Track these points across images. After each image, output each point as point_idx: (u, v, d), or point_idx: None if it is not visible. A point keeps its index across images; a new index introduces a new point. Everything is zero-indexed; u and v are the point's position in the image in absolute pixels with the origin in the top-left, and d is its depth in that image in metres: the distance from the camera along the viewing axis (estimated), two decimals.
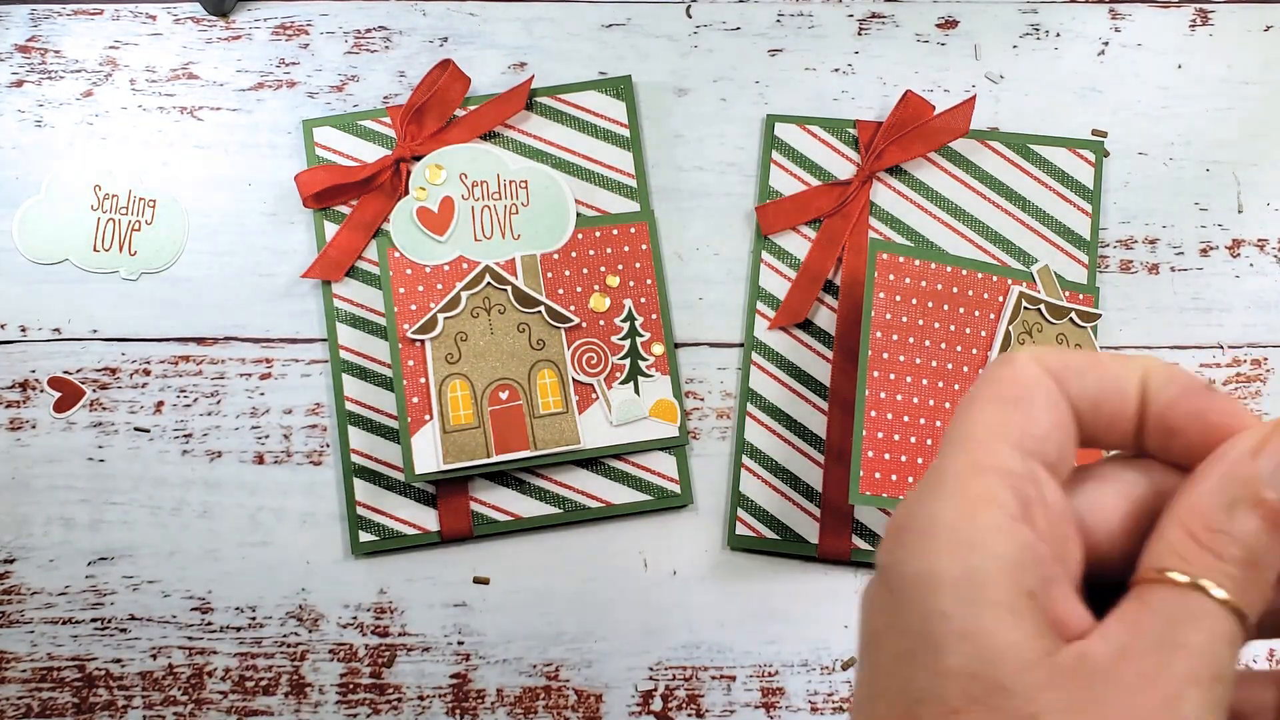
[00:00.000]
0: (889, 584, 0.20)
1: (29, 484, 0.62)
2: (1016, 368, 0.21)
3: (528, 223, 0.63)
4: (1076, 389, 0.21)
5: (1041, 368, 0.21)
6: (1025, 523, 0.20)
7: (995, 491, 0.20)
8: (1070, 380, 0.21)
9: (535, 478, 0.62)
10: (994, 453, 0.20)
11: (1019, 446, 0.20)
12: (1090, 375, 0.21)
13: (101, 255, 0.64)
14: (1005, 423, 0.21)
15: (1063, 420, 0.21)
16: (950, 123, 0.62)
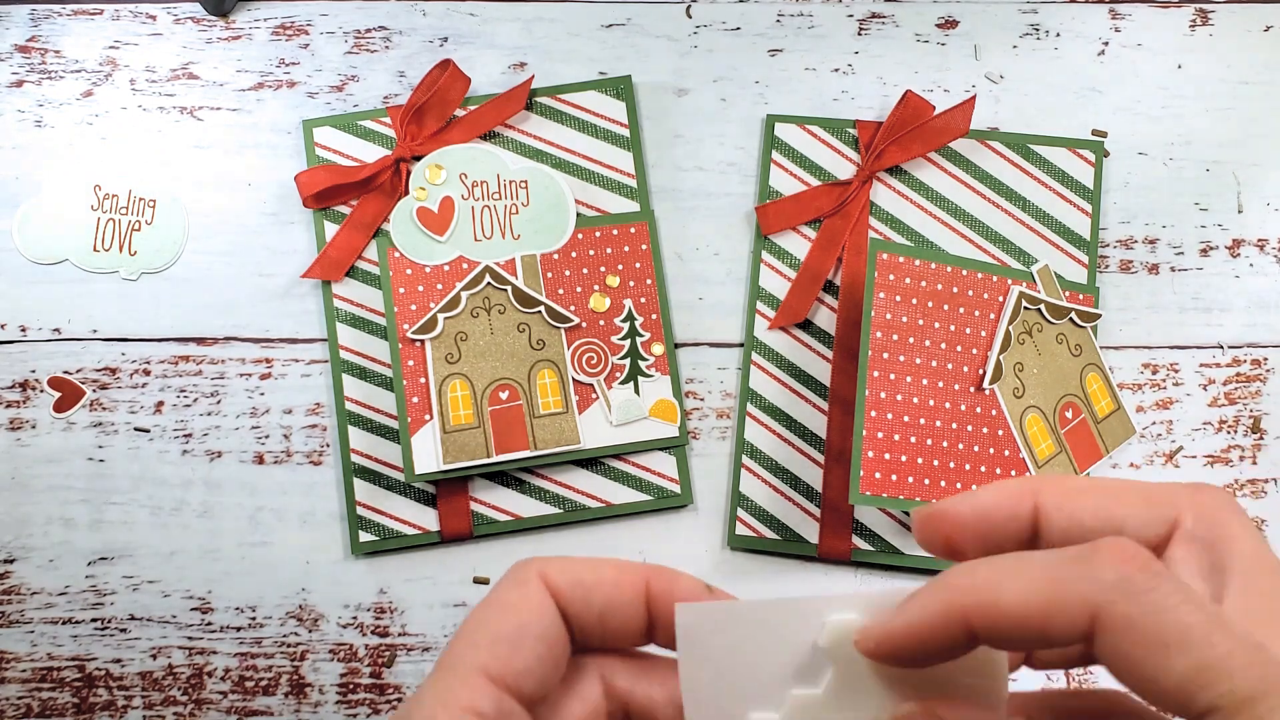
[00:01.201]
0: None
1: (29, 484, 0.62)
2: (524, 591, 0.23)
3: (528, 223, 0.63)
4: (581, 608, 0.23)
5: (547, 593, 0.23)
6: None
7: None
8: (576, 600, 0.23)
9: (535, 478, 0.62)
10: (472, 690, 0.21)
11: (500, 682, 0.22)
12: (596, 594, 0.23)
13: (101, 255, 0.64)
14: (494, 659, 0.22)
15: (551, 652, 0.23)
16: (950, 123, 0.62)
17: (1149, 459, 0.63)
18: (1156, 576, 0.19)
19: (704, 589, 0.24)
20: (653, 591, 0.24)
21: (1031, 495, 0.23)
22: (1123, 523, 0.23)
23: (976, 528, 0.24)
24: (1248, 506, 0.63)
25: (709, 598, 0.24)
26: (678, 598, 0.23)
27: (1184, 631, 0.19)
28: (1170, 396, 0.64)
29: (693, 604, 0.23)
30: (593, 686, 0.24)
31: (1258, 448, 0.63)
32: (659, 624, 0.24)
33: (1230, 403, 0.63)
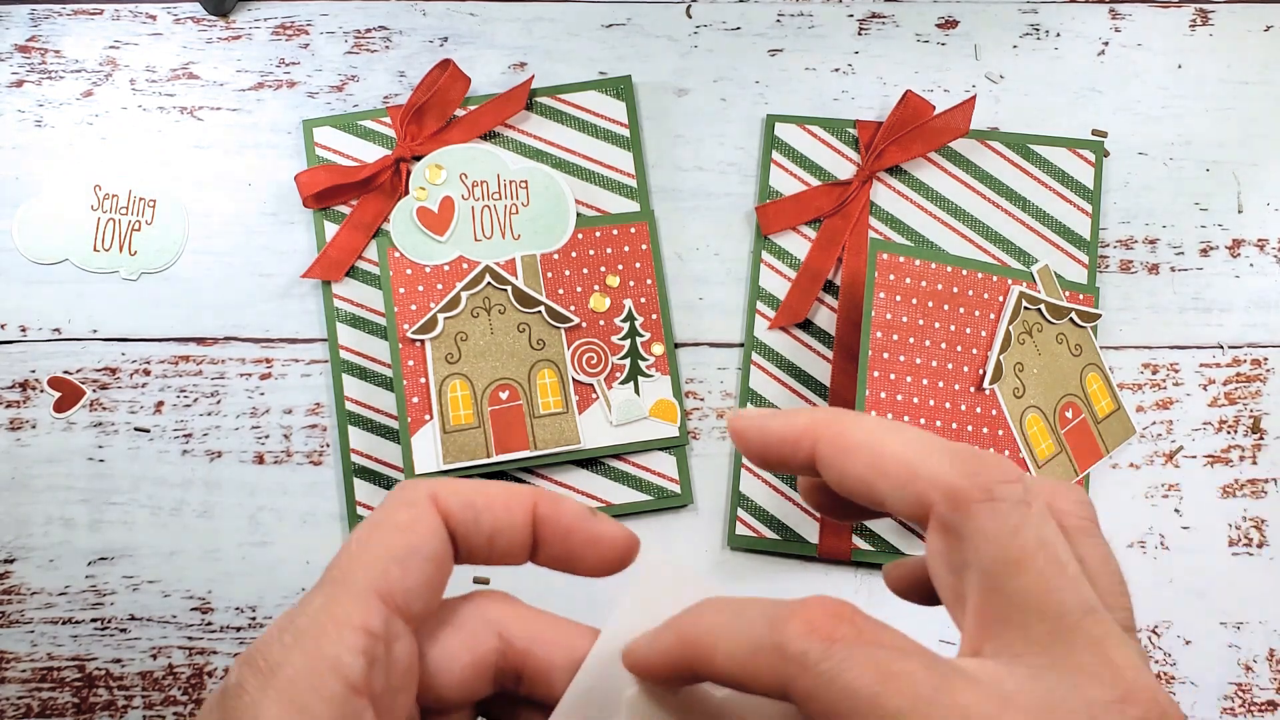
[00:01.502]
0: (224, 701, 0.21)
1: (29, 484, 0.62)
2: (418, 520, 0.23)
3: (528, 223, 0.63)
4: (471, 529, 0.24)
5: (437, 515, 0.23)
6: (360, 692, 0.21)
7: (345, 656, 0.21)
8: (467, 521, 0.24)
9: (535, 478, 0.62)
10: (366, 608, 0.22)
11: (388, 602, 0.22)
12: (487, 514, 0.24)
13: (101, 255, 0.64)
14: (385, 577, 0.22)
15: (439, 574, 0.23)
16: (950, 123, 0.62)
17: (1149, 459, 0.63)
18: (834, 644, 0.19)
19: (587, 512, 0.25)
20: (539, 514, 0.24)
21: (810, 440, 0.23)
22: (883, 499, 0.22)
23: (764, 454, 0.24)
24: (1248, 507, 0.63)
25: (591, 520, 0.25)
26: (563, 522, 0.24)
27: (853, 696, 0.19)
28: (1170, 396, 0.64)
29: (661, 562, 0.24)
30: (488, 641, 0.24)
31: (1258, 448, 0.63)
32: (542, 545, 0.25)
33: (1230, 403, 0.63)
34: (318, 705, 0.20)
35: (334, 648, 0.21)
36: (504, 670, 0.25)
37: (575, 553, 0.25)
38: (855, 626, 0.20)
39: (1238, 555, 0.62)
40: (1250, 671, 0.61)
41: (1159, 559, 0.62)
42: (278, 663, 0.21)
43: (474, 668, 0.24)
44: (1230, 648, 0.62)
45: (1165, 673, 0.61)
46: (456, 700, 0.24)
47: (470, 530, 0.24)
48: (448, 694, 0.24)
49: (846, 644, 0.19)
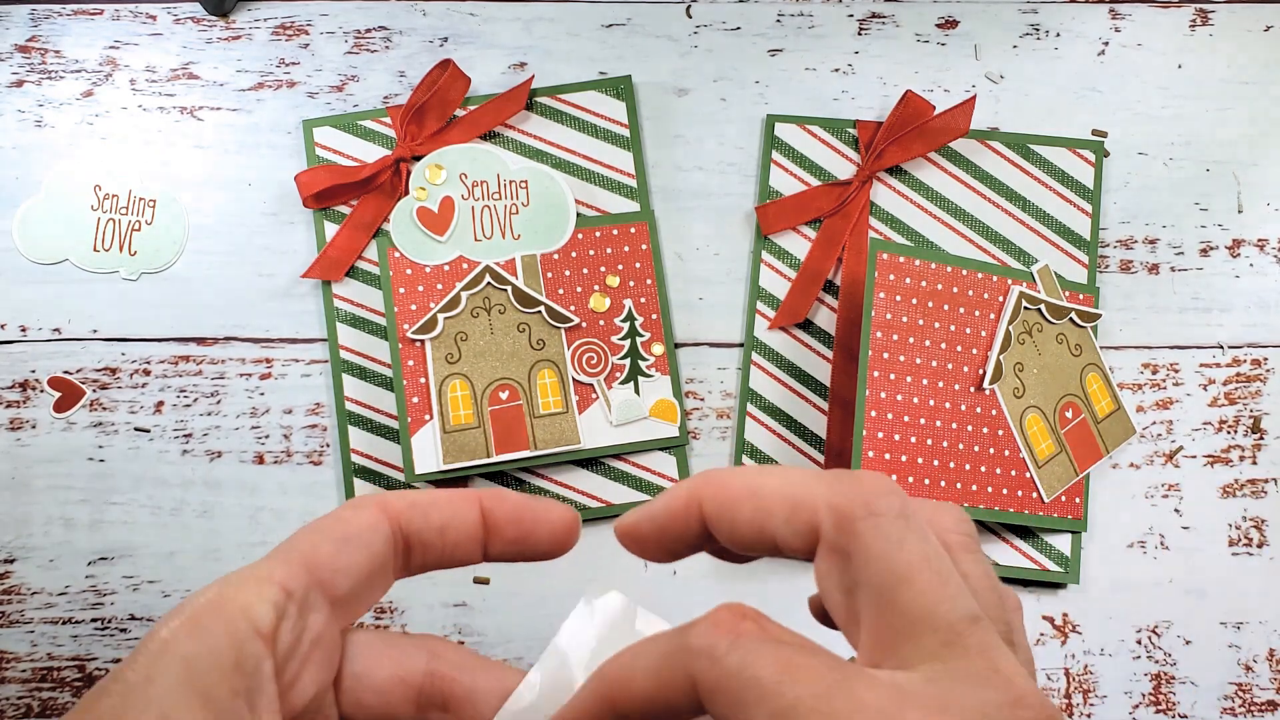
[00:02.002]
0: (146, 635, 0.22)
1: (29, 484, 0.62)
2: (358, 512, 0.24)
3: (528, 223, 0.63)
4: (422, 525, 0.25)
5: (385, 516, 0.24)
6: (265, 638, 0.22)
7: (256, 603, 0.22)
8: (415, 519, 0.25)
9: (535, 478, 0.62)
10: (289, 570, 0.23)
11: (312, 573, 0.23)
12: (434, 511, 0.25)
13: (101, 255, 0.64)
14: (315, 551, 0.24)
15: (372, 565, 0.24)
16: (950, 123, 0.62)
17: (1149, 459, 0.63)
18: (739, 638, 0.20)
19: (530, 497, 0.26)
20: (486, 505, 0.25)
21: (696, 504, 0.24)
22: (774, 536, 0.23)
23: (660, 540, 0.25)
24: (1248, 506, 0.63)
25: (536, 503, 0.26)
26: (510, 508, 0.25)
27: (757, 685, 0.19)
28: (1170, 396, 0.64)
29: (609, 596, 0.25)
30: (416, 660, 0.25)
31: (1258, 448, 0.63)
32: (494, 534, 0.26)
33: (1230, 403, 0.63)
34: (222, 635, 0.21)
35: (247, 594, 0.22)
36: (429, 694, 0.25)
37: (527, 534, 0.26)
38: (759, 624, 0.21)
39: (1238, 555, 0.62)
40: (1250, 671, 0.61)
41: (1159, 559, 0.62)
42: (199, 604, 0.22)
43: (398, 680, 0.25)
44: (1230, 648, 0.62)
45: (1165, 673, 0.61)
46: (376, 711, 0.25)
47: (422, 526, 0.25)
48: (368, 701, 0.25)
49: (752, 638, 0.20)
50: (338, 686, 0.25)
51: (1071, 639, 0.62)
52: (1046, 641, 0.62)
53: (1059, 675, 0.61)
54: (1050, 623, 0.62)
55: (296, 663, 0.23)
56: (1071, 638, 0.62)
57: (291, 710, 0.23)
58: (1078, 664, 0.61)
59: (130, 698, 0.21)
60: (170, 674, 0.21)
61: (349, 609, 0.24)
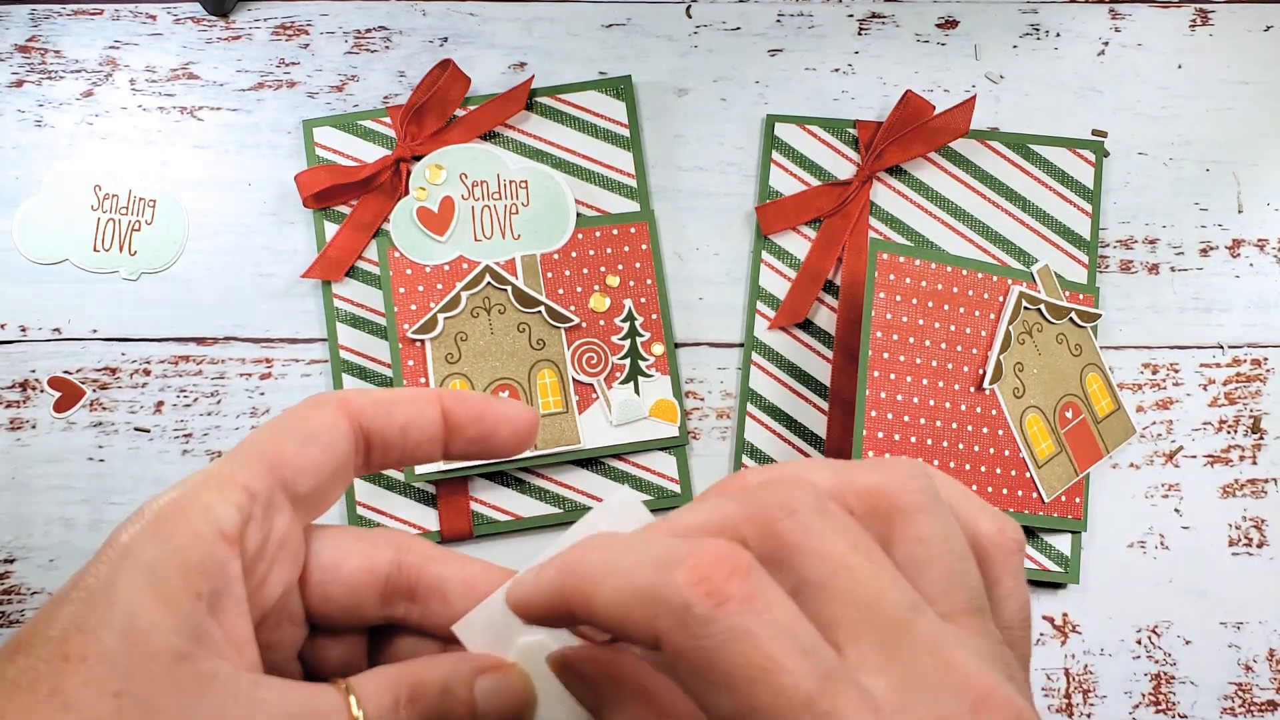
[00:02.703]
0: (107, 539, 0.22)
1: (29, 484, 0.62)
2: (320, 411, 0.24)
3: (528, 223, 0.63)
4: (384, 423, 0.25)
5: (345, 413, 0.24)
6: (230, 540, 0.22)
7: (219, 505, 0.22)
8: (378, 417, 0.24)
9: (535, 478, 0.62)
10: (250, 471, 0.23)
11: (274, 473, 0.23)
12: (396, 410, 0.25)
13: (101, 255, 0.64)
14: (278, 450, 0.23)
15: (334, 464, 0.24)
16: (950, 123, 0.62)
17: (1149, 459, 0.63)
18: (722, 607, 0.18)
19: (490, 396, 0.26)
20: (447, 405, 0.25)
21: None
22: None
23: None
24: (1247, 506, 0.63)
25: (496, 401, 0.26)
26: (471, 406, 0.25)
27: (728, 675, 0.18)
28: (1170, 396, 0.64)
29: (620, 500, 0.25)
30: (384, 553, 0.25)
31: (1258, 448, 0.63)
32: (455, 433, 0.25)
33: (1230, 403, 0.63)
34: (185, 538, 0.21)
35: (211, 496, 0.22)
36: (396, 585, 0.25)
37: (489, 432, 0.26)
38: (748, 587, 0.18)
39: (1238, 555, 0.62)
40: (1250, 671, 0.61)
41: (1159, 559, 0.62)
42: (160, 507, 0.22)
43: (365, 572, 0.25)
44: (1230, 648, 0.62)
45: (1165, 673, 0.61)
46: (344, 604, 0.25)
47: (384, 424, 0.25)
48: (335, 594, 0.25)
49: (735, 611, 0.18)
50: (304, 581, 0.24)
51: (1071, 639, 0.62)
52: (1046, 641, 0.62)
53: (1059, 675, 0.61)
54: (1050, 623, 0.62)
55: (264, 564, 0.23)
56: (1071, 638, 0.62)
57: (259, 610, 0.23)
58: (1078, 664, 0.61)
59: (93, 604, 0.20)
60: (134, 579, 0.20)
61: (311, 507, 0.24)
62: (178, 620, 0.20)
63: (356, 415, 0.24)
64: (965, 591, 0.21)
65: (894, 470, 0.22)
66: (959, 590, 0.21)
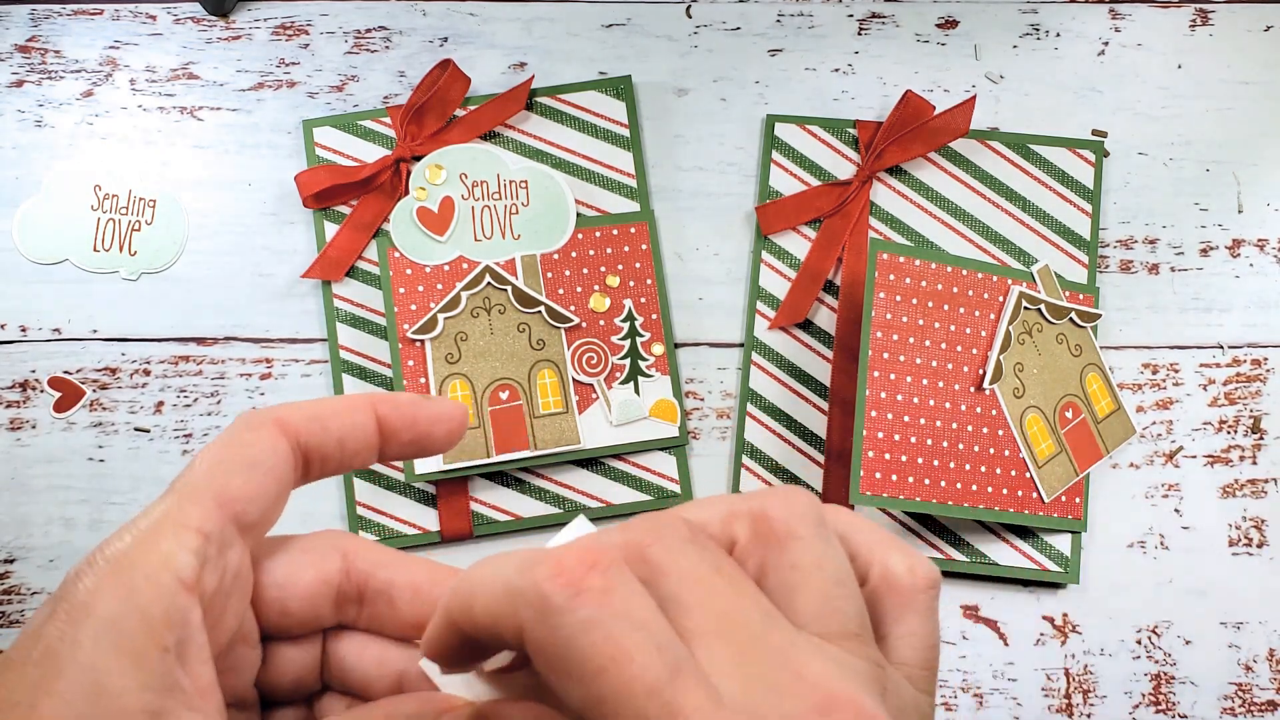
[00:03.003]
0: (63, 590, 0.22)
1: (29, 484, 0.62)
2: (259, 434, 0.24)
3: (528, 223, 0.63)
4: (321, 438, 0.25)
5: (281, 432, 0.24)
6: (190, 588, 0.22)
7: (177, 552, 0.22)
8: (315, 433, 0.25)
9: (535, 478, 0.62)
10: (203, 511, 0.23)
11: (225, 508, 0.23)
12: (333, 422, 0.25)
13: (101, 255, 0.64)
14: (224, 484, 0.23)
15: (278, 487, 0.24)
16: (950, 123, 0.62)
17: (1149, 459, 0.63)
18: (578, 597, 0.18)
19: (421, 396, 0.26)
20: (380, 411, 0.26)
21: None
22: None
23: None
24: (1247, 506, 0.63)
25: (429, 400, 0.26)
26: (404, 408, 0.26)
27: (579, 663, 0.18)
28: (1170, 396, 0.64)
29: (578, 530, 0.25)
30: (333, 562, 0.25)
31: (1258, 448, 0.63)
32: (391, 436, 0.26)
33: (1230, 403, 0.63)
34: (147, 592, 0.21)
35: (169, 544, 0.22)
36: (346, 593, 0.25)
37: (424, 433, 0.26)
38: (606, 580, 0.19)
39: (1238, 555, 0.62)
40: (1250, 671, 0.61)
41: (1159, 559, 0.62)
42: (115, 555, 0.21)
43: (319, 584, 0.25)
44: (1230, 648, 0.62)
45: (1165, 673, 0.61)
46: (301, 618, 0.25)
47: (321, 439, 0.25)
48: (293, 608, 0.25)
49: (592, 602, 0.18)
50: (259, 600, 0.25)
51: (1071, 639, 0.62)
52: (1046, 641, 0.62)
53: (1059, 675, 0.61)
54: (1050, 623, 0.62)
55: (220, 601, 0.23)
56: (1071, 638, 0.62)
57: (217, 647, 0.23)
58: (1078, 664, 0.61)
59: (58, 666, 0.20)
60: (98, 637, 0.20)
61: (259, 531, 0.24)
62: (147, 676, 0.20)
63: (294, 434, 0.24)
64: (839, 615, 0.21)
65: (778, 499, 0.22)
66: (832, 615, 0.21)
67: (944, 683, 0.61)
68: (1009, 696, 0.61)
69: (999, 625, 0.62)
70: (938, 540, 0.61)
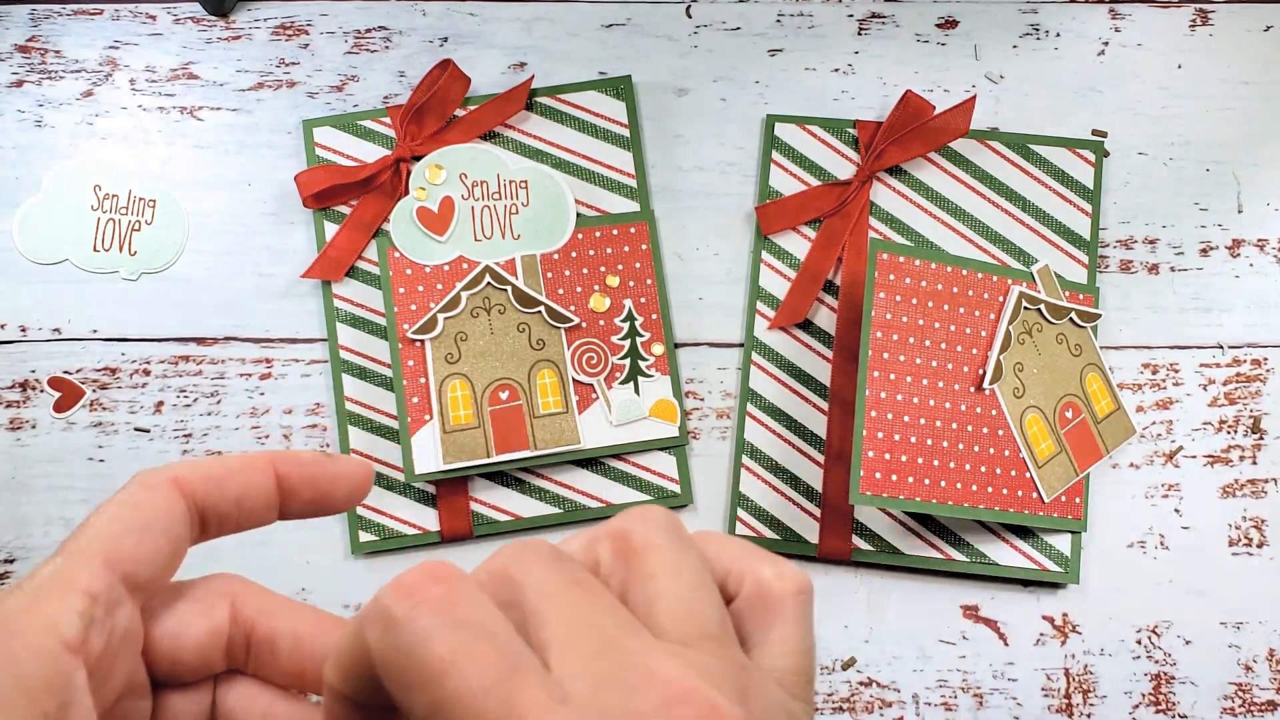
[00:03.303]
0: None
1: (29, 484, 0.62)
2: (154, 494, 0.24)
3: (528, 223, 0.63)
4: (218, 498, 0.25)
5: (178, 491, 0.24)
6: (75, 650, 0.21)
7: (61, 615, 0.22)
8: (212, 493, 0.25)
9: (535, 478, 0.62)
10: (91, 573, 0.23)
11: (115, 569, 0.23)
12: (230, 482, 0.25)
13: (101, 255, 0.64)
14: (115, 545, 0.23)
15: (171, 546, 0.24)
16: (950, 123, 0.62)
17: (1149, 459, 0.63)
18: (418, 606, 0.19)
19: (322, 454, 0.26)
20: (280, 470, 0.26)
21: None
22: None
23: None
24: (1247, 506, 0.63)
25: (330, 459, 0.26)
26: (305, 468, 0.26)
27: (423, 668, 0.18)
28: (1170, 396, 0.64)
29: None
30: (221, 610, 0.26)
31: (1258, 448, 0.63)
32: (291, 496, 0.26)
33: (1230, 403, 0.63)
34: (28, 658, 0.21)
35: (54, 607, 0.22)
36: (235, 640, 0.26)
37: (325, 492, 0.26)
38: (446, 590, 0.19)
39: (1238, 555, 0.62)
40: (1250, 671, 0.61)
41: (1159, 559, 0.62)
42: (4, 618, 0.21)
43: (209, 634, 0.25)
44: (1230, 648, 0.62)
45: (1165, 673, 0.61)
46: (193, 667, 0.25)
47: (217, 499, 0.25)
48: (185, 658, 0.25)
49: (432, 609, 0.19)
50: (150, 653, 0.24)
51: (1071, 639, 0.62)
52: (1046, 641, 0.62)
53: (1059, 675, 0.61)
54: (1050, 623, 0.62)
55: (108, 660, 0.23)
56: (1071, 638, 0.62)
57: (104, 705, 0.23)
58: (1078, 664, 0.61)
59: None
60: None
61: (151, 590, 0.24)
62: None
63: (191, 493, 0.25)
64: (697, 619, 0.21)
65: (635, 517, 0.23)
66: (689, 618, 0.21)
67: (944, 683, 0.61)
68: (1009, 696, 0.61)
69: (999, 625, 0.62)
70: (938, 540, 0.61)
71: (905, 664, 0.61)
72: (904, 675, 0.61)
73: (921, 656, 0.61)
